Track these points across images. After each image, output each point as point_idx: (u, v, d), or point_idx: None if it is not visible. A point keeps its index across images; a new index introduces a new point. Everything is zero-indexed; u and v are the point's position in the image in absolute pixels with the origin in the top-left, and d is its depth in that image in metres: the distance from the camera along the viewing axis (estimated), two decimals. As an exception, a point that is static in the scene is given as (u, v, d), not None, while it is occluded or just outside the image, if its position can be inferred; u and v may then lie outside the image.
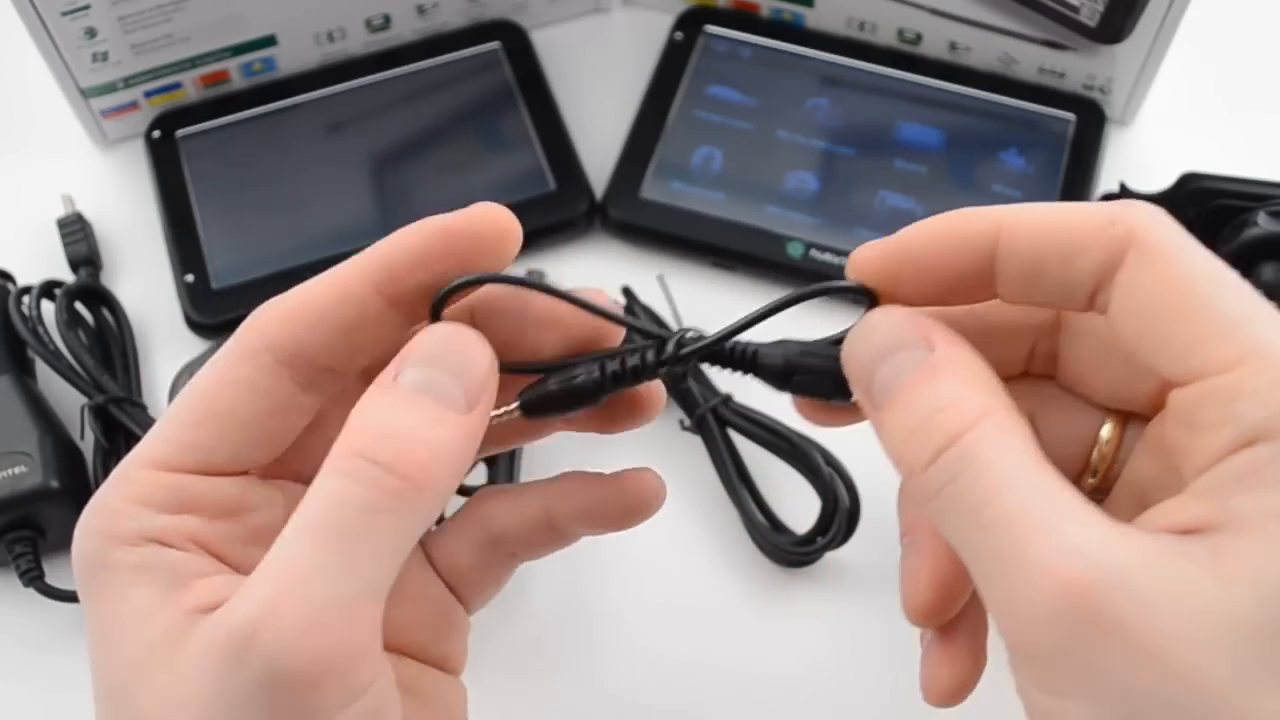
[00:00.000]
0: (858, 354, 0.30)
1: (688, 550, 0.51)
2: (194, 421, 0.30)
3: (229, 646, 0.27)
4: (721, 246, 0.57)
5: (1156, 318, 0.27)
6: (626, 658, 0.49)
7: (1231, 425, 0.25)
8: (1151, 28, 0.57)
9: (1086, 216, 0.28)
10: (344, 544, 0.27)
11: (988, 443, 0.27)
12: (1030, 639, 0.26)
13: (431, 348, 0.30)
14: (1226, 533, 0.25)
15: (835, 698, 0.48)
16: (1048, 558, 0.25)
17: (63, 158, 0.62)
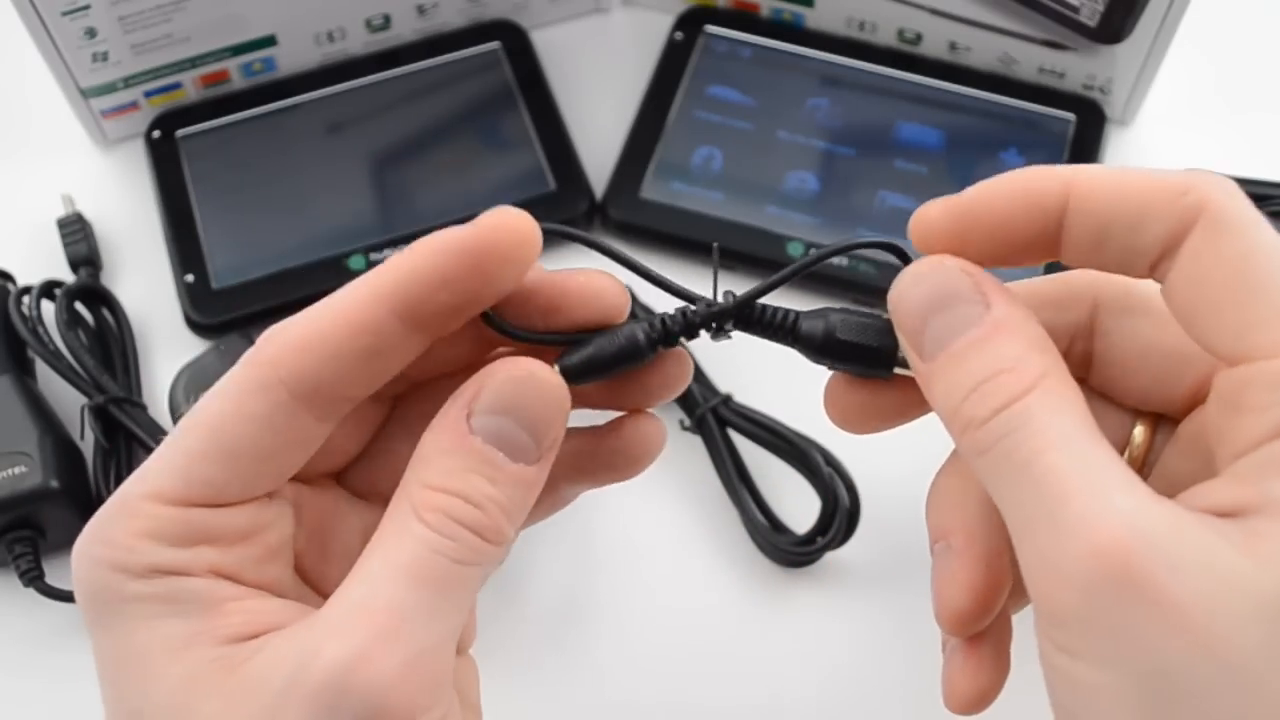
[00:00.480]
0: (909, 301, 0.29)
1: (688, 550, 0.51)
2: (203, 454, 0.30)
3: (328, 682, 0.27)
4: (721, 246, 0.57)
5: (1216, 292, 0.27)
6: (626, 657, 0.49)
7: (1277, 410, 0.25)
8: (1151, 28, 0.57)
9: (1159, 183, 0.28)
10: (438, 592, 0.28)
11: (1046, 404, 0.27)
12: (1061, 598, 0.25)
13: (506, 393, 0.29)
14: (1264, 516, 0.25)
15: (835, 697, 0.48)
16: (1088, 515, 0.25)
17: (63, 158, 0.62)
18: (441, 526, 0.28)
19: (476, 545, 0.28)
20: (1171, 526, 0.25)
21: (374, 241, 0.58)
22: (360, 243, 0.58)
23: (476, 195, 0.59)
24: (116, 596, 0.29)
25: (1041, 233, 0.29)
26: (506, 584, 0.50)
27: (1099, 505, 0.25)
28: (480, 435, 0.29)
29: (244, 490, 0.30)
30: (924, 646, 0.49)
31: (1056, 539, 0.25)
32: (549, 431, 0.30)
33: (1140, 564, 0.24)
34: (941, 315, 0.28)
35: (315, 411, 0.30)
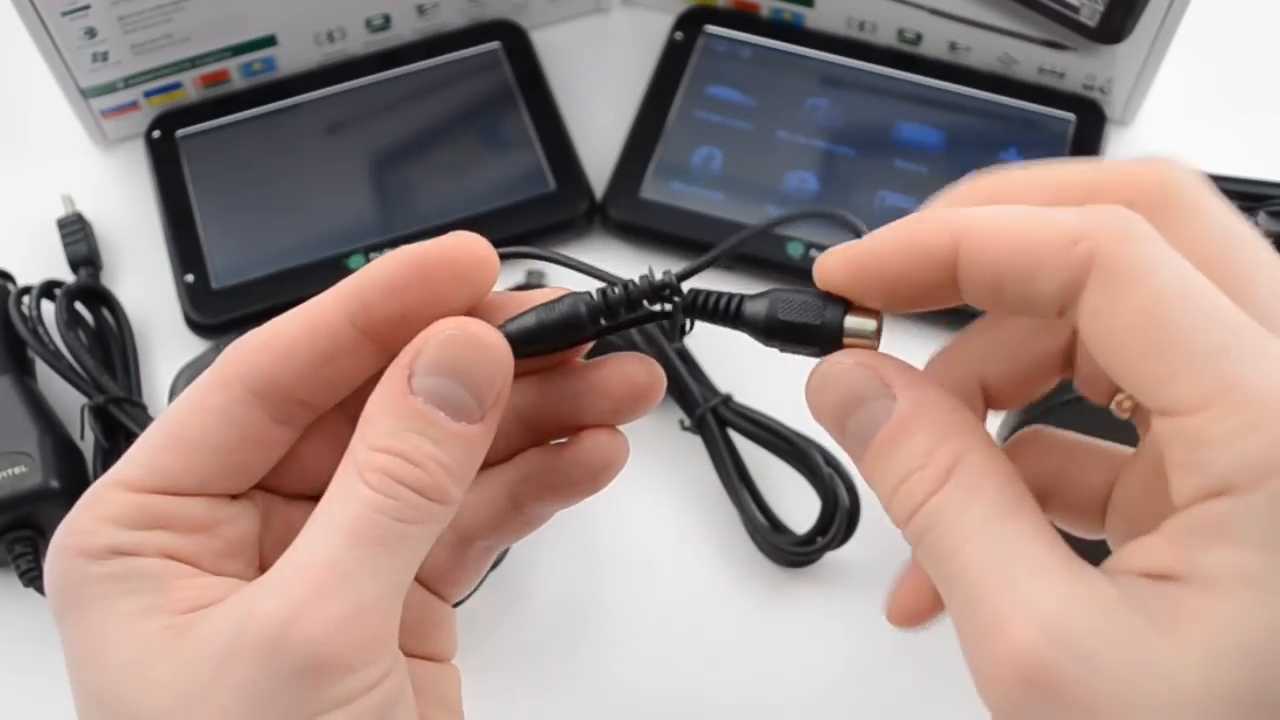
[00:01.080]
0: (823, 410, 0.30)
1: (688, 550, 0.51)
2: (164, 446, 0.31)
3: (264, 635, 0.27)
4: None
5: (1122, 348, 0.26)
6: (626, 657, 0.49)
7: (1199, 473, 0.24)
8: (1151, 28, 0.57)
9: (1050, 232, 0.26)
10: (379, 548, 0.28)
11: (957, 496, 0.27)
12: (989, 697, 0.26)
13: (445, 352, 0.30)
14: (1189, 587, 0.24)
15: (835, 697, 0.48)
16: (1001, 616, 0.25)
17: (63, 158, 0.62)
18: (382, 486, 0.28)
19: (418, 504, 0.29)
20: (1088, 614, 0.25)
21: (374, 241, 0.58)
22: (360, 243, 0.58)
23: (476, 195, 0.59)
24: (78, 579, 0.30)
25: (935, 283, 0.28)
26: (507, 583, 0.50)
27: (1011, 602, 0.25)
28: (421, 395, 0.29)
29: (201, 482, 0.31)
30: (923, 647, 0.49)
31: (978, 641, 0.26)
32: (490, 389, 0.30)
33: (1055, 666, 0.24)
34: (854, 416, 0.29)
35: (272, 411, 0.31)
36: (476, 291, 0.31)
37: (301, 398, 0.31)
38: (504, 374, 0.30)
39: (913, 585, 0.32)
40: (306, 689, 0.27)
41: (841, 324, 0.30)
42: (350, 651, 0.28)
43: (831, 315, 0.30)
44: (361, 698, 0.28)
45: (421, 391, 0.29)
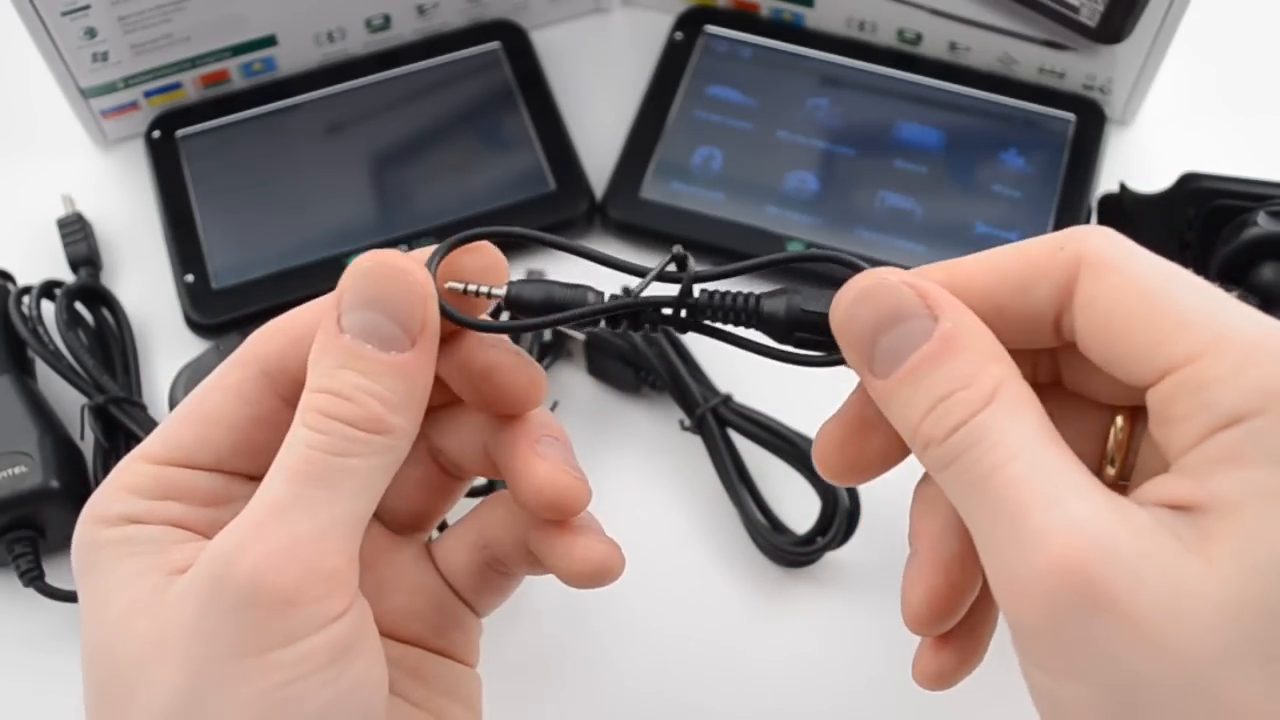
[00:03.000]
0: (856, 320, 0.29)
1: (688, 550, 0.51)
2: (185, 420, 0.33)
3: (211, 573, 0.29)
4: (721, 246, 0.57)
5: (1118, 326, 0.28)
6: (626, 657, 0.49)
7: (1204, 412, 0.26)
8: (1151, 28, 0.57)
9: (1035, 248, 0.29)
10: (312, 482, 0.29)
11: (1002, 416, 0.27)
12: (1024, 612, 0.26)
13: (364, 287, 0.31)
14: (1210, 513, 0.26)
15: (835, 698, 0.48)
16: (1047, 527, 0.26)
17: (63, 158, 0.62)
18: (316, 424, 0.29)
19: (351, 435, 0.29)
20: (1129, 532, 0.26)
21: (374, 241, 0.58)
22: (360, 243, 0.58)
23: (476, 195, 0.59)
24: (92, 543, 0.31)
25: None
26: (506, 584, 0.50)
27: (1056, 516, 0.26)
28: (349, 333, 0.30)
29: (217, 457, 0.32)
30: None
31: (1018, 553, 0.26)
32: (413, 315, 0.30)
33: (1100, 575, 0.25)
34: (890, 333, 0.29)
35: (283, 392, 0.32)
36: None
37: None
38: (424, 298, 0.31)
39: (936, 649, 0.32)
40: (251, 622, 0.28)
41: None
42: (290, 584, 0.28)
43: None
44: (310, 636, 0.28)
45: (349, 328, 0.30)
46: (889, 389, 0.29)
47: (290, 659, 0.28)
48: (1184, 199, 0.54)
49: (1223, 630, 0.25)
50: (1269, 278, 0.51)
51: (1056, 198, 0.58)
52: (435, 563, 0.37)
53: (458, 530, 0.37)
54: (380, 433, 0.30)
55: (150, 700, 0.29)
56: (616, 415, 0.54)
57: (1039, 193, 0.58)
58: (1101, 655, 0.25)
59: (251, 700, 0.28)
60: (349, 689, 0.29)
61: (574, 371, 0.55)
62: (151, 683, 0.29)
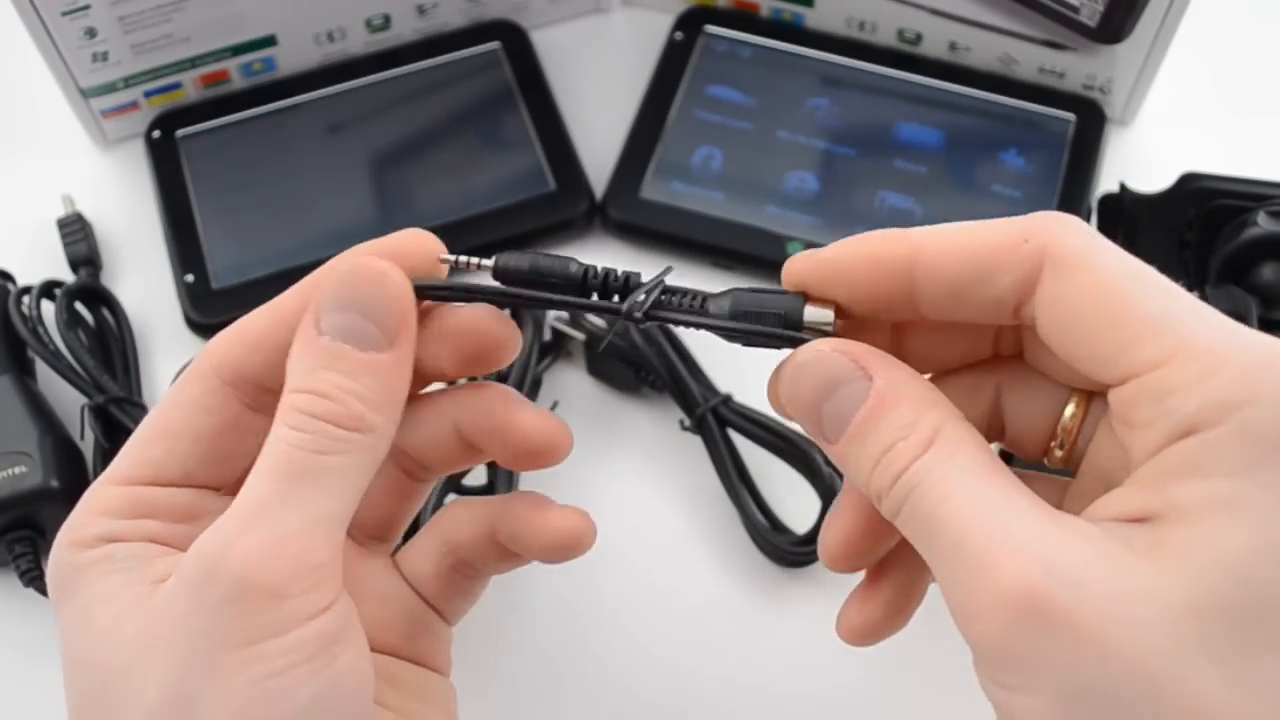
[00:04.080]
0: (799, 394, 0.31)
1: (688, 550, 0.51)
2: (150, 440, 0.33)
3: (199, 570, 0.29)
4: (721, 246, 0.57)
5: (1080, 327, 0.28)
6: (626, 657, 0.49)
7: (1164, 420, 0.26)
8: (1151, 28, 0.57)
9: (999, 235, 0.29)
10: (296, 479, 0.29)
11: (941, 458, 0.28)
12: (979, 634, 0.27)
13: (342, 289, 0.31)
14: (1166, 522, 0.26)
15: (834, 698, 0.48)
16: (990, 550, 0.26)
17: (63, 158, 0.62)
18: (297, 422, 0.30)
19: (333, 434, 0.30)
20: (1071, 546, 0.26)
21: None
22: (360, 243, 0.57)
23: (476, 195, 0.59)
24: (71, 568, 0.31)
25: (895, 293, 0.30)
26: (506, 584, 0.50)
27: (998, 539, 0.26)
28: (328, 334, 0.31)
29: (186, 471, 0.33)
30: (921, 647, 0.49)
31: (966, 579, 0.27)
32: (391, 315, 0.31)
33: (1043, 589, 0.25)
34: (830, 400, 0.30)
35: (245, 399, 0.33)
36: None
37: (270, 385, 0.32)
38: (401, 298, 0.31)
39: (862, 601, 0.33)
40: (238, 615, 0.28)
41: (801, 313, 0.31)
42: (276, 578, 0.28)
43: (792, 305, 0.31)
44: (297, 628, 0.29)
45: (328, 330, 0.31)
46: (842, 452, 0.30)
47: (280, 649, 0.28)
48: (1184, 199, 0.54)
49: (1172, 631, 0.25)
50: (1269, 278, 0.51)
51: (1056, 198, 0.58)
52: (402, 572, 0.37)
53: (421, 539, 0.37)
54: (362, 431, 0.30)
55: (140, 700, 0.29)
56: (616, 415, 0.54)
57: (1039, 193, 0.58)
58: (1052, 666, 0.25)
59: (242, 691, 0.28)
60: (338, 677, 0.29)
61: (574, 371, 0.55)
62: (140, 684, 0.29)
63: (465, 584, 0.37)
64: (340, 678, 0.29)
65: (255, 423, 0.33)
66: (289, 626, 0.29)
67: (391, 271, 0.31)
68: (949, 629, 0.38)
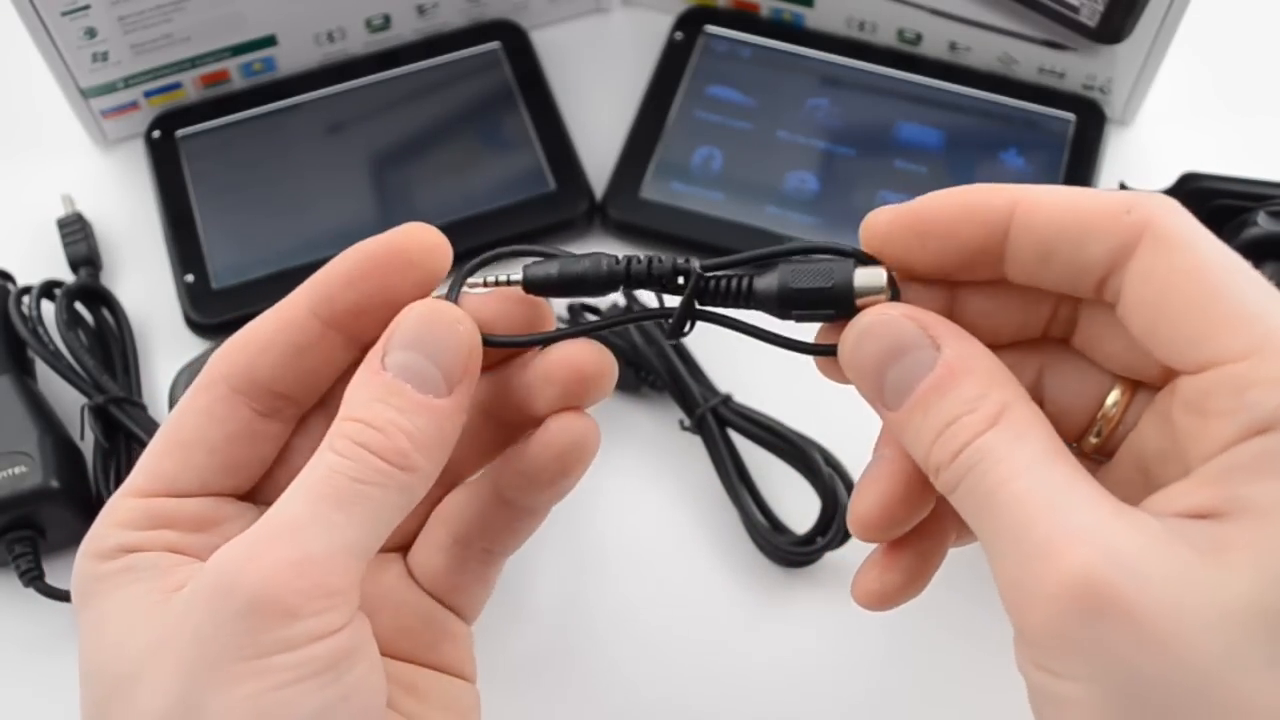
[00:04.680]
0: (862, 357, 0.30)
1: (688, 550, 0.51)
2: (163, 452, 0.33)
3: (217, 580, 0.29)
4: (721, 246, 0.57)
5: (1170, 305, 0.27)
6: (625, 657, 0.49)
7: (1244, 413, 0.26)
8: (1151, 28, 0.57)
9: (1103, 202, 0.29)
10: (330, 504, 0.30)
11: (1006, 436, 0.28)
12: (1034, 619, 0.26)
13: (413, 329, 0.31)
14: (1233, 520, 0.25)
15: (835, 697, 0.48)
16: (1053, 537, 0.26)
17: (63, 158, 0.62)
18: (343, 449, 0.30)
19: (375, 465, 0.30)
20: (1135, 539, 0.26)
21: (374, 241, 0.57)
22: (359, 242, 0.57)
23: (476, 195, 0.59)
24: (92, 578, 0.32)
25: (986, 247, 0.30)
26: (506, 585, 0.50)
27: (1062, 526, 0.26)
28: (391, 370, 0.31)
29: (201, 481, 0.33)
30: (923, 647, 0.49)
31: (1025, 564, 0.26)
32: (455, 363, 0.31)
33: (1106, 581, 0.25)
34: (895, 366, 0.29)
35: (256, 405, 0.33)
36: (428, 276, 0.33)
37: (281, 391, 0.33)
38: (468, 348, 0.32)
39: (883, 567, 0.32)
40: (251, 629, 0.28)
41: (851, 281, 0.30)
42: (293, 596, 0.28)
43: (841, 274, 0.30)
44: (307, 646, 0.29)
45: (392, 367, 0.31)
46: (901, 420, 0.29)
47: (287, 664, 0.28)
48: (1184, 199, 0.53)
49: (1233, 633, 0.25)
50: (1269, 278, 0.51)
51: (1056, 198, 0.58)
52: (415, 576, 0.37)
53: (427, 539, 0.37)
54: (404, 468, 0.30)
55: (147, 705, 0.29)
56: (616, 415, 0.54)
57: (1039, 193, 0.58)
58: (1109, 658, 0.25)
59: (245, 701, 0.28)
60: (343, 695, 0.29)
61: (574, 371, 0.55)
62: (148, 689, 0.29)
63: (480, 571, 0.37)
64: (349, 694, 0.30)
65: (267, 429, 0.33)
66: (299, 644, 0.29)
67: (464, 321, 0.32)
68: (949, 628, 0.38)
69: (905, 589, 0.32)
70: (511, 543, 0.37)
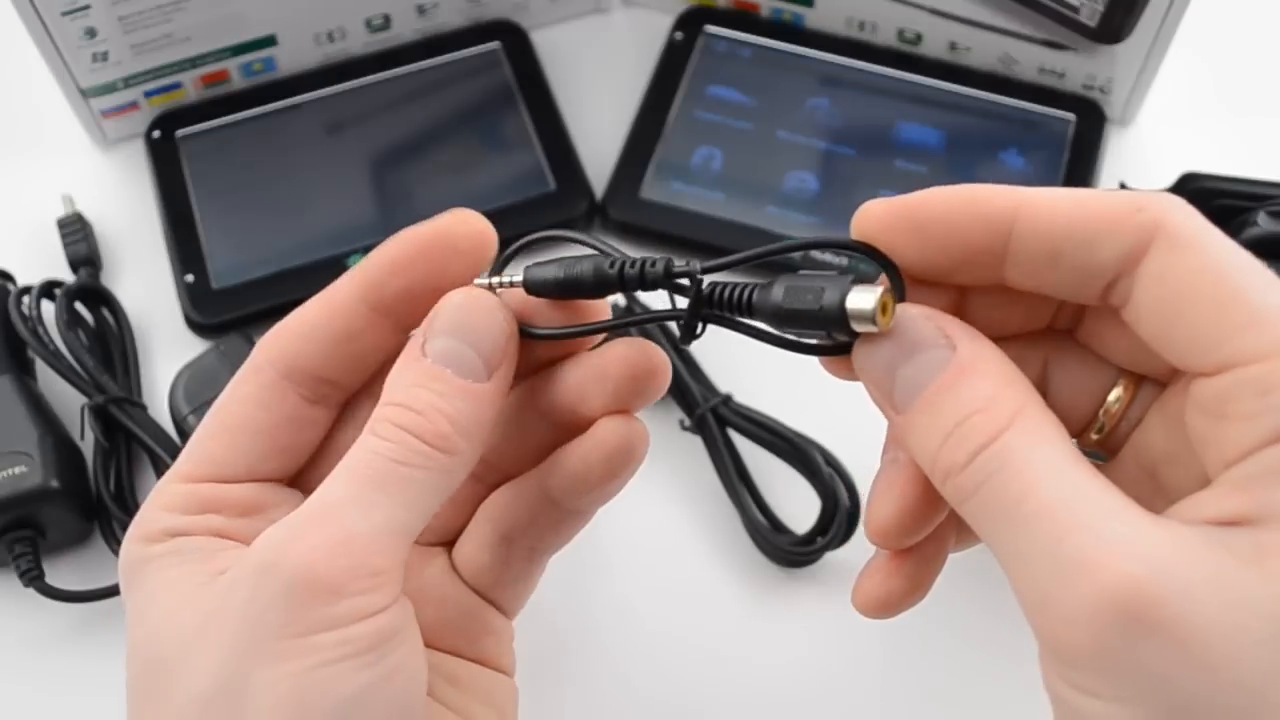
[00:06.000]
0: (872, 357, 0.29)
1: (688, 551, 0.51)
2: (211, 436, 0.34)
3: (262, 560, 0.29)
4: (721, 246, 0.57)
5: (1185, 306, 0.26)
6: (625, 658, 0.49)
7: (1269, 416, 0.25)
8: (1151, 28, 0.57)
9: (1112, 202, 0.27)
10: (372, 485, 0.30)
11: (1025, 439, 0.26)
12: (1068, 639, 0.25)
13: (453, 316, 0.32)
14: (1268, 526, 0.24)
15: (835, 698, 0.48)
16: (1089, 550, 0.25)
17: (63, 158, 0.62)
18: (384, 432, 0.31)
19: (415, 446, 0.30)
20: (1176, 551, 0.24)
21: (374, 241, 0.56)
22: (360, 243, 0.58)
23: (476, 195, 0.59)
24: (139, 560, 0.32)
25: (986, 248, 0.28)
26: (506, 584, 0.50)
27: (1098, 538, 0.25)
28: (431, 357, 0.31)
29: (248, 466, 0.33)
30: (923, 647, 0.49)
31: (1059, 578, 0.25)
32: (494, 349, 0.32)
33: (1151, 597, 0.24)
34: (907, 365, 0.28)
35: (303, 391, 0.33)
36: (475, 263, 0.33)
37: (328, 376, 0.33)
38: (507, 335, 0.32)
39: (887, 573, 0.31)
40: (295, 607, 0.29)
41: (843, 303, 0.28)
42: (337, 575, 0.29)
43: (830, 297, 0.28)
44: (350, 625, 0.29)
45: (432, 354, 0.31)
46: (909, 422, 0.28)
47: (329, 642, 0.29)
48: (1184, 199, 0.54)
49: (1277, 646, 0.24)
50: (1269, 278, 0.51)
51: (1056, 198, 0.58)
52: (459, 570, 0.37)
53: (473, 534, 0.37)
54: (444, 451, 0.31)
55: (191, 684, 0.30)
56: (616, 415, 0.54)
57: (1039, 193, 0.58)
58: (1154, 677, 0.24)
59: (290, 678, 0.29)
60: (386, 676, 0.30)
61: (574, 371, 0.55)
62: (193, 668, 0.30)
63: (525, 569, 0.37)
64: (391, 674, 0.30)
65: (313, 415, 0.34)
66: (342, 623, 0.29)
67: (502, 309, 0.32)
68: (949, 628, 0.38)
69: (909, 595, 0.31)
70: (556, 542, 0.37)
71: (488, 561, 0.36)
